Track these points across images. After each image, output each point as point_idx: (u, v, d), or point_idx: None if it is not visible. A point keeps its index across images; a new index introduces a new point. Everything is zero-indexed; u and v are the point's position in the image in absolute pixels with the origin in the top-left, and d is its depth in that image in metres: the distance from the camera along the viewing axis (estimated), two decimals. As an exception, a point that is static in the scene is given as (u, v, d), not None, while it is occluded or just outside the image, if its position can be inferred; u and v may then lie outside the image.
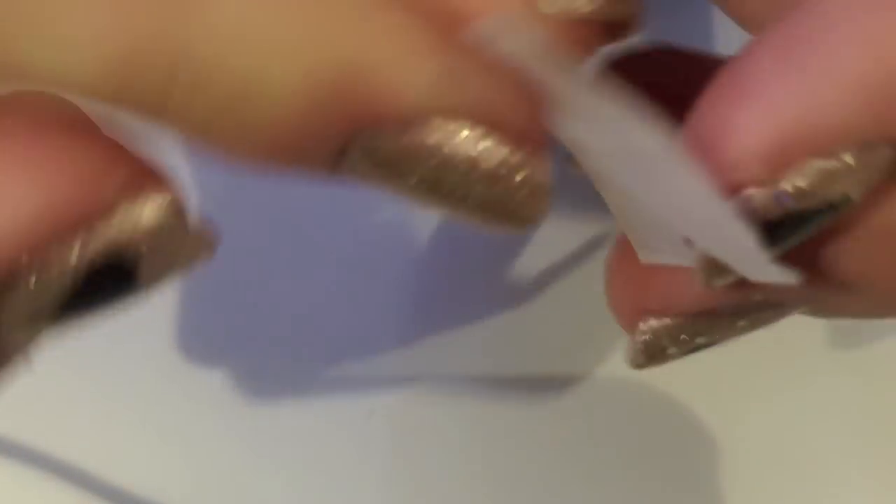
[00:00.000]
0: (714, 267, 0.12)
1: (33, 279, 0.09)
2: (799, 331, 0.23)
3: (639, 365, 0.14)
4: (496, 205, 0.11)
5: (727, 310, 0.13)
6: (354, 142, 0.10)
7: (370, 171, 0.11)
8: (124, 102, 0.09)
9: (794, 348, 0.23)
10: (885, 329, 0.23)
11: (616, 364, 0.23)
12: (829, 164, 0.10)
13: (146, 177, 0.09)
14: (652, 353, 0.14)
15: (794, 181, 0.11)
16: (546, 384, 0.22)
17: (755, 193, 0.11)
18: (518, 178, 0.11)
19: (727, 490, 0.22)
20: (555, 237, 0.23)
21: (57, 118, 0.09)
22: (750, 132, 0.10)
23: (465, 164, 0.10)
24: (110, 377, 0.22)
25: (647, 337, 0.13)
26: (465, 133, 0.10)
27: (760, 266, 0.11)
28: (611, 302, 0.14)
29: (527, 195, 0.11)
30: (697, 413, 0.23)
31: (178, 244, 0.10)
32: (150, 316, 0.21)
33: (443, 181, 0.11)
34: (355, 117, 0.10)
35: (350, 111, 0.10)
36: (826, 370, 0.23)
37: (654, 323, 0.13)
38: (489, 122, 0.10)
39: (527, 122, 0.11)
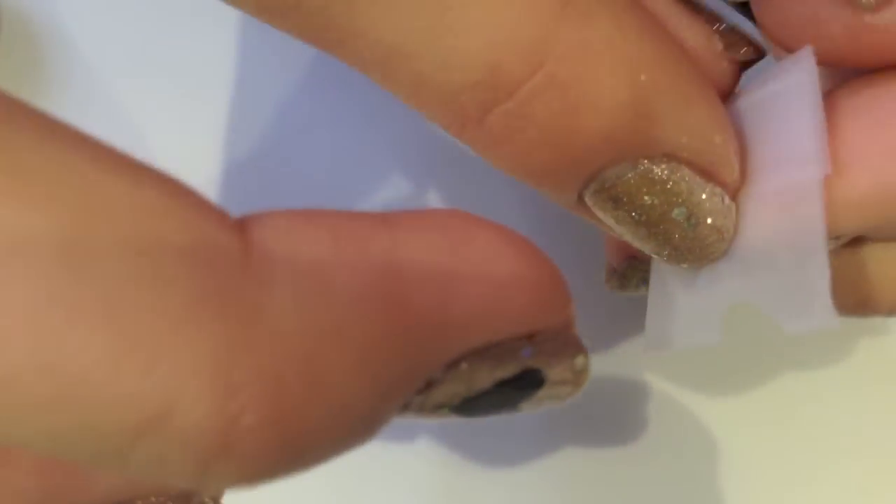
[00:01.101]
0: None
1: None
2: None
3: (612, 287, 0.18)
4: (690, 243, 0.14)
5: None
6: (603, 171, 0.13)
7: (602, 200, 0.13)
8: None
9: (794, 348, 0.23)
10: (886, 328, 0.23)
11: (616, 364, 0.23)
12: None
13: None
14: (622, 280, 0.18)
15: None
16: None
17: None
18: (712, 222, 0.13)
19: (727, 490, 0.22)
20: (554, 241, 0.23)
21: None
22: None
23: (689, 204, 0.13)
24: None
25: (624, 268, 0.18)
26: (694, 179, 0.13)
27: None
28: (607, 251, 0.18)
29: (716, 239, 0.14)
30: (698, 413, 0.23)
31: None
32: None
33: (661, 218, 0.13)
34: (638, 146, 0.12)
35: (637, 140, 0.12)
36: (826, 369, 0.23)
37: (631, 260, 0.18)
38: (711, 173, 0.13)
39: (737, 176, 0.14)
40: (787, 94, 0.14)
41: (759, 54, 0.15)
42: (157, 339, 0.08)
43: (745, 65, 0.15)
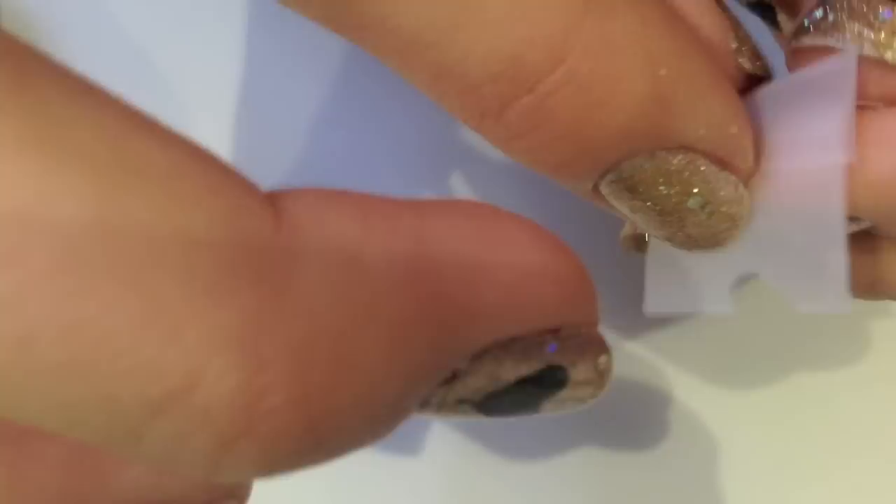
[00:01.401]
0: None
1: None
2: (799, 329, 0.23)
3: (627, 248, 0.18)
4: (704, 231, 0.14)
5: None
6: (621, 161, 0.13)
7: (618, 190, 0.13)
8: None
9: (794, 347, 0.23)
10: (884, 326, 0.23)
11: (616, 364, 0.23)
12: None
13: None
14: (638, 241, 0.18)
15: None
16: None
17: None
18: (726, 210, 0.13)
19: (728, 490, 0.22)
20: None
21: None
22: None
23: (704, 193, 0.13)
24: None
25: (637, 233, 0.18)
26: (710, 168, 0.13)
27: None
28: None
29: (729, 227, 0.14)
30: (698, 413, 0.23)
31: None
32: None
33: (676, 207, 0.13)
34: (658, 136, 0.12)
35: (658, 131, 0.12)
36: (827, 368, 0.23)
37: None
38: (726, 162, 0.13)
39: (751, 164, 0.14)
40: (821, 80, 0.14)
41: (765, 72, 0.15)
42: (185, 306, 0.08)
43: (752, 78, 0.15)
